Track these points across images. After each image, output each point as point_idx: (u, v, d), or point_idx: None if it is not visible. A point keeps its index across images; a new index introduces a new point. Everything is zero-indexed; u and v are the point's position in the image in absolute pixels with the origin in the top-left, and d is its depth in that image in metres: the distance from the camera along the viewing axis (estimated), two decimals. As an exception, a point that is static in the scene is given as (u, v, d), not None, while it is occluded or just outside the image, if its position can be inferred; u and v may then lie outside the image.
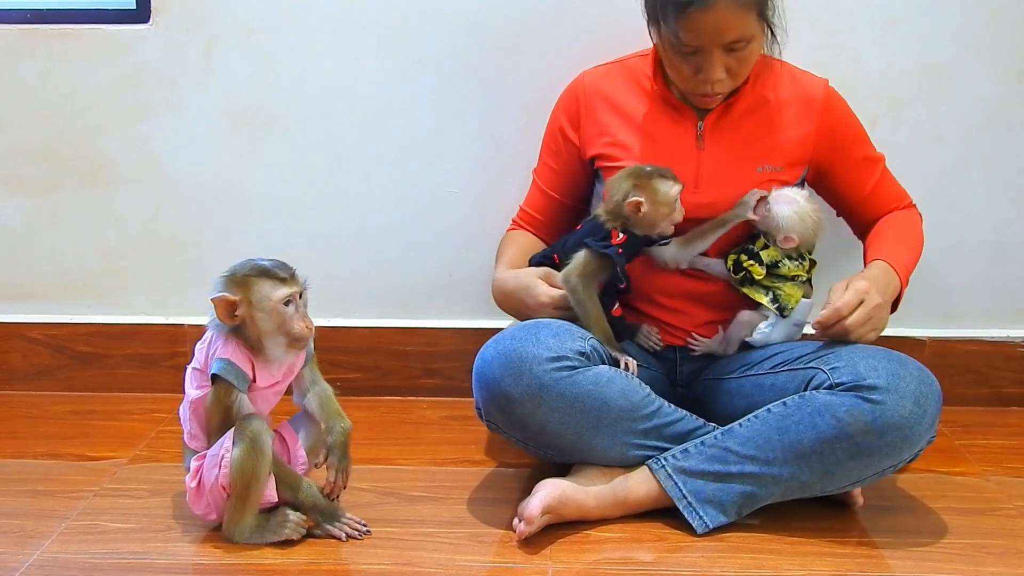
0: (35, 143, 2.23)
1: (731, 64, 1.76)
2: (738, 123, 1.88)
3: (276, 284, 1.61)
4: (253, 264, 1.63)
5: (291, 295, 1.61)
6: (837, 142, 1.91)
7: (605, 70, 1.97)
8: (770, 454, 1.67)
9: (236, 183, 2.23)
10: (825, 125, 1.90)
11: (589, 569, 1.58)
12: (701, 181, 1.87)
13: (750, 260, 1.83)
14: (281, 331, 1.61)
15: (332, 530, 1.66)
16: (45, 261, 2.28)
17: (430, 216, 2.24)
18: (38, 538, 1.66)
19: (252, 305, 1.60)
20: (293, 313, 1.61)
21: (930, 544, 1.66)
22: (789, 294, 1.82)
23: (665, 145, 1.89)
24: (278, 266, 1.63)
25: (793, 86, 1.91)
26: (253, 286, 1.60)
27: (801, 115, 1.89)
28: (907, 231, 1.95)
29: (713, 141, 1.88)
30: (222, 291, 1.60)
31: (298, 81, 2.18)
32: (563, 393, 1.65)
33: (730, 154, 1.88)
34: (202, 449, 1.65)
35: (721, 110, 1.87)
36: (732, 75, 1.78)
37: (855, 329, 1.70)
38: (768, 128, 1.89)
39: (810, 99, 1.90)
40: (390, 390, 2.31)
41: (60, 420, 2.18)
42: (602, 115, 1.93)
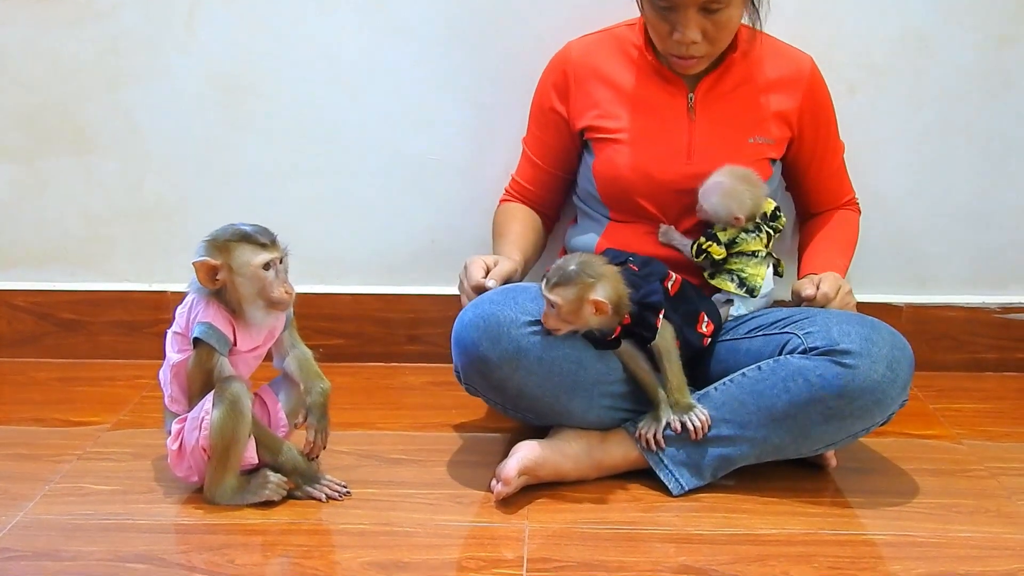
0: (18, 110, 2.22)
1: (707, 27, 1.76)
2: (729, 94, 1.89)
3: (256, 249, 1.62)
4: (234, 229, 1.64)
5: (271, 260, 1.62)
6: (815, 121, 1.94)
7: (592, 40, 1.97)
8: (745, 417, 1.69)
9: (219, 150, 2.24)
10: (809, 101, 1.92)
11: (565, 529, 1.60)
12: (694, 152, 1.87)
13: (708, 241, 1.83)
14: (261, 295, 1.63)
15: (312, 492, 1.68)
16: (29, 228, 2.29)
17: (414, 183, 2.24)
18: (21, 500, 1.68)
19: (233, 270, 1.62)
20: (273, 278, 1.63)
21: (902, 504, 1.69)
22: (753, 274, 1.83)
23: (656, 116, 1.89)
24: (259, 231, 1.64)
25: (781, 60, 1.92)
26: (234, 251, 1.62)
27: (788, 90, 1.91)
28: (845, 237, 2.02)
29: (704, 112, 1.88)
30: (203, 255, 1.61)
31: (281, 47, 2.18)
32: (540, 357, 1.67)
33: (722, 125, 1.89)
34: (183, 412, 1.67)
35: (712, 81, 1.88)
36: (709, 39, 1.78)
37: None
38: (758, 100, 1.90)
39: (797, 74, 1.91)
40: (373, 356, 2.32)
41: (44, 386, 2.19)
42: (591, 87, 1.93)
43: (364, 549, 1.54)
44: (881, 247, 2.21)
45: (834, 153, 2.00)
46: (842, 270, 1.93)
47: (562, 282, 1.62)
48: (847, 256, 1.99)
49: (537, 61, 2.03)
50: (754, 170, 1.86)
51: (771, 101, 1.90)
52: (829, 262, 1.92)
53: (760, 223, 1.84)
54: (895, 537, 1.59)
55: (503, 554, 1.53)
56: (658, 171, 1.87)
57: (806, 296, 1.78)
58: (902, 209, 2.22)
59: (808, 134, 1.94)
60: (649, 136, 1.89)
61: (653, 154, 1.88)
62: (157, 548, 1.54)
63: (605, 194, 1.93)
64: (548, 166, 2.03)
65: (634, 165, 1.88)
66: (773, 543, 1.56)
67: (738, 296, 1.83)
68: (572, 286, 1.62)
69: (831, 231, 2.01)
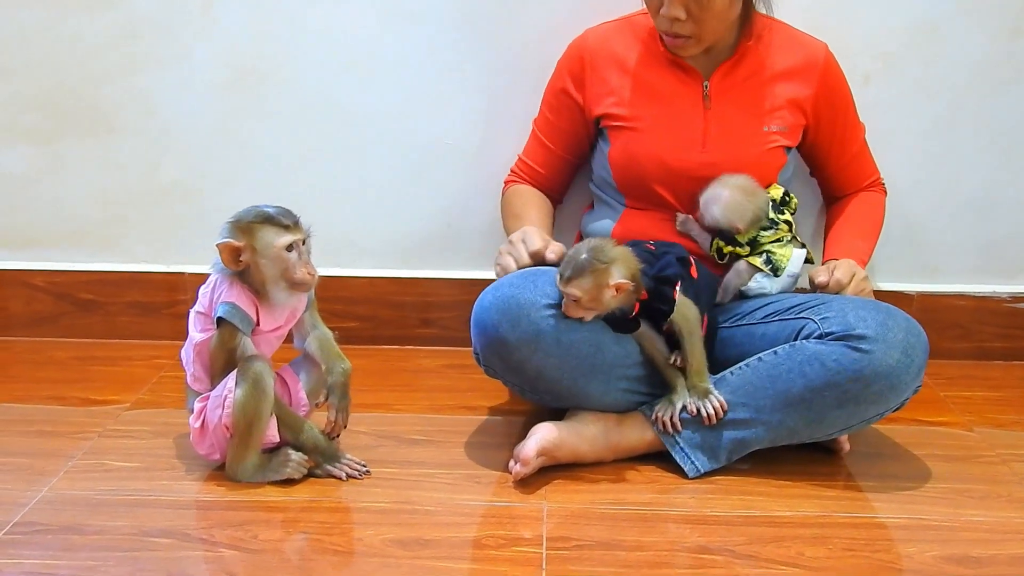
0: (37, 92, 2.24)
1: (691, 7, 1.77)
2: (743, 83, 1.91)
3: (280, 231, 1.64)
4: (258, 211, 1.66)
5: (294, 242, 1.64)
6: (832, 107, 1.95)
7: (610, 28, 1.98)
8: (760, 401, 1.71)
9: (235, 133, 2.25)
10: (824, 88, 1.93)
11: (583, 509, 1.62)
12: (708, 141, 1.89)
13: (729, 245, 1.85)
14: (284, 277, 1.64)
15: (332, 470, 1.70)
16: (47, 209, 2.31)
17: (428, 167, 2.26)
18: (46, 476, 1.70)
19: (256, 251, 1.63)
20: (296, 259, 1.64)
21: (914, 488, 1.71)
22: (781, 255, 1.85)
23: (671, 104, 1.91)
24: (282, 213, 1.66)
25: (795, 48, 1.93)
26: (257, 232, 1.63)
27: (803, 77, 1.92)
28: (869, 219, 2.04)
29: (719, 101, 1.90)
30: (227, 237, 1.63)
31: (297, 32, 2.19)
32: (559, 339, 1.69)
33: (737, 114, 1.90)
34: (205, 391, 1.69)
35: (726, 70, 1.90)
36: (694, 19, 1.79)
37: None
38: (772, 88, 1.91)
39: (811, 61, 1.93)
40: (387, 339, 2.34)
41: (63, 366, 2.21)
42: (607, 74, 1.95)
43: (385, 526, 1.56)
44: (892, 236, 2.22)
45: (854, 136, 2.02)
46: (865, 254, 1.95)
47: (577, 274, 1.64)
48: (870, 239, 2.01)
49: (550, 46, 2.04)
50: (766, 159, 1.88)
51: (786, 89, 1.92)
52: (851, 246, 1.94)
53: (774, 216, 1.86)
54: (908, 520, 1.61)
55: (522, 533, 1.55)
56: (673, 159, 1.89)
57: (819, 284, 1.80)
58: (913, 198, 2.23)
59: (826, 120, 1.96)
60: (664, 125, 1.90)
61: (668, 142, 1.90)
62: (180, 524, 1.56)
63: (621, 182, 1.95)
64: (560, 150, 2.04)
65: (649, 154, 1.90)
66: (788, 525, 1.59)
67: (761, 273, 1.85)
68: (588, 275, 1.63)
69: (854, 214, 2.03)
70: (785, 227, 1.86)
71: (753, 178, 1.85)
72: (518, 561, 1.48)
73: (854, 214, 2.03)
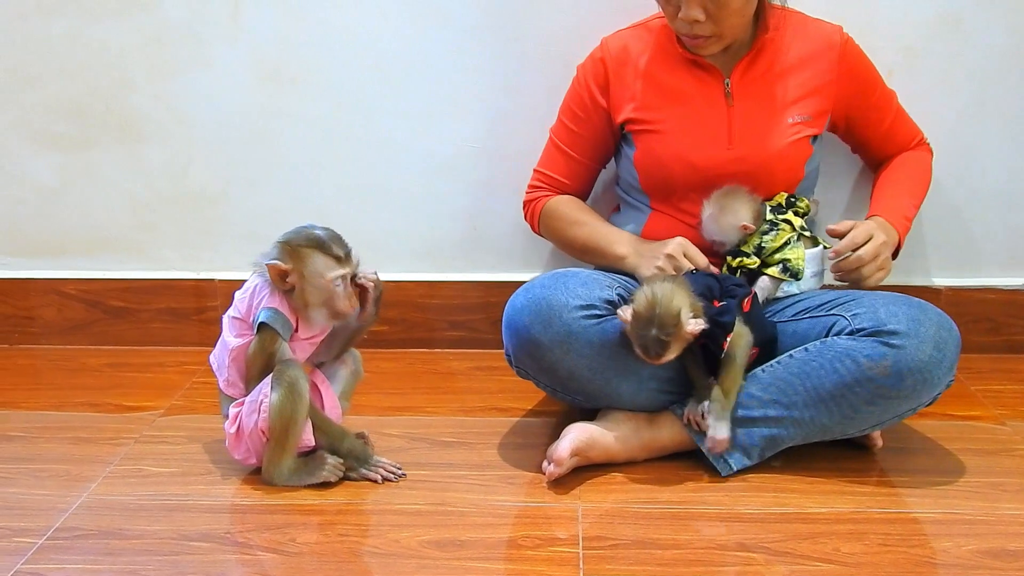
0: (66, 100, 2.26)
1: (709, 7, 1.78)
2: (764, 76, 1.91)
3: (331, 263, 1.65)
4: (310, 235, 1.66)
5: (343, 275, 1.65)
6: (856, 86, 1.96)
7: (628, 34, 1.98)
8: (792, 398, 1.71)
9: (262, 138, 2.27)
10: (844, 71, 1.93)
11: (617, 508, 1.63)
12: (734, 138, 1.89)
13: (737, 258, 1.85)
14: (326, 305, 1.66)
15: (368, 473, 1.72)
16: (78, 217, 2.33)
17: (454, 170, 2.27)
18: (84, 481, 1.72)
19: (304, 278, 1.65)
20: (341, 292, 1.66)
21: (947, 483, 1.71)
22: (795, 258, 1.84)
23: (694, 104, 1.91)
24: (334, 241, 1.66)
25: (810, 34, 1.94)
26: (307, 259, 1.64)
27: (822, 63, 1.92)
28: (913, 176, 2.02)
29: (742, 97, 1.90)
30: (276, 258, 1.64)
31: (323, 36, 2.21)
32: (591, 340, 1.69)
33: (761, 108, 1.90)
34: (240, 396, 1.70)
35: (746, 65, 1.90)
36: (712, 19, 1.79)
37: (869, 260, 1.77)
38: (793, 79, 1.92)
39: (828, 46, 1.93)
40: (416, 342, 2.35)
41: (96, 373, 2.23)
42: (629, 80, 1.95)
43: (421, 528, 1.57)
44: (919, 230, 2.23)
45: (886, 104, 2.02)
46: (909, 209, 1.95)
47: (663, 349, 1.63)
48: (916, 195, 2.00)
49: (574, 48, 2.05)
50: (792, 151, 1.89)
51: (806, 77, 1.92)
52: (894, 204, 1.93)
53: (773, 218, 1.85)
54: (943, 515, 1.61)
55: (557, 533, 1.56)
56: (700, 159, 1.89)
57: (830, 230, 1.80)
58: (939, 193, 2.22)
59: (854, 99, 1.96)
60: (688, 125, 1.90)
61: (693, 142, 1.90)
62: (219, 528, 1.58)
63: (648, 185, 1.95)
64: (586, 159, 2.04)
65: (676, 155, 1.90)
66: (823, 521, 1.59)
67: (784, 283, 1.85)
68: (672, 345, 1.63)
69: (897, 171, 2.03)
70: (787, 227, 1.84)
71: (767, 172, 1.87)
72: (554, 561, 1.48)
73: (898, 171, 2.03)
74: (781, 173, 1.89)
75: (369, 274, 1.72)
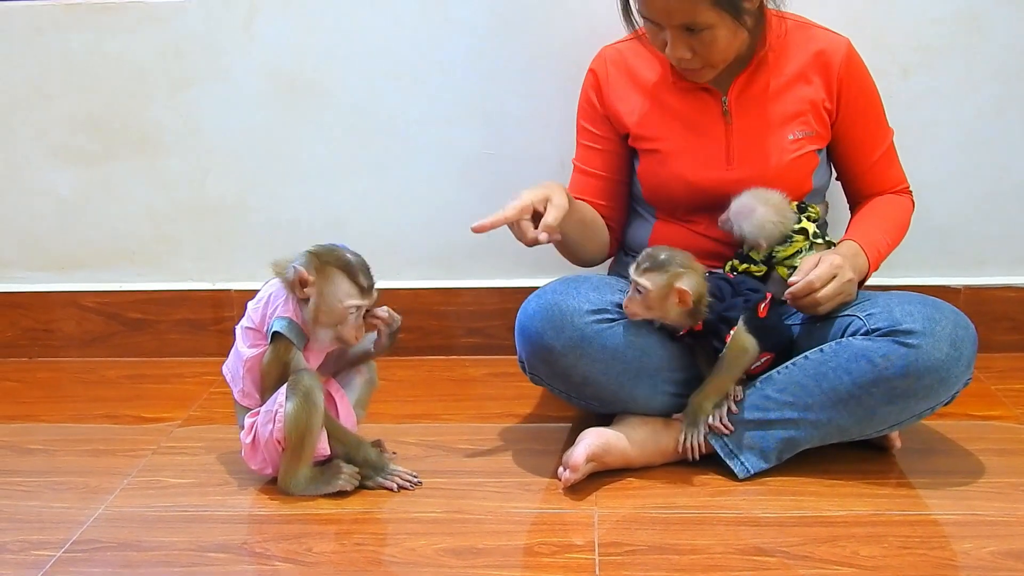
0: (83, 113, 2.28)
1: (694, 45, 1.73)
2: (763, 92, 1.85)
3: (353, 290, 1.65)
4: (340, 257, 1.66)
5: (360, 307, 1.66)
6: (854, 104, 1.87)
7: (623, 47, 1.94)
8: (808, 400, 1.70)
9: (279, 147, 2.28)
10: (845, 85, 1.86)
11: (634, 514, 1.63)
12: (733, 157, 1.85)
13: (744, 263, 1.82)
14: (334, 329, 1.67)
15: (384, 482, 1.72)
16: (96, 229, 2.35)
17: (469, 176, 2.27)
18: (102, 493, 1.73)
19: (322, 295, 1.65)
20: (353, 321, 1.66)
21: (968, 484, 1.70)
22: None
23: (691, 124, 1.86)
24: (362, 270, 1.66)
25: (813, 46, 1.86)
26: (332, 278, 1.65)
27: (822, 76, 1.85)
28: (892, 217, 1.92)
29: (740, 114, 1.85)
30: (304, 266, 1.64)
31: (338, 45, 2.22)
32: (604, 344, 1.69)
33: (760, 126, 1.85)
34: (255, 406, 1.71)
35: (744, 82, 1.85)
36: (700, 56, 1.74)
37: (826, 301, 1.71)
38: (793, 94, 1.85)
39: (830, 59, 1.85)
40: (432, 349, 2.36)
41: (115, 384, 2.25)
42: (626, 93, 1.92)
43: (438, 536, 1.57)
44: (937, 229, 2.21)
45: (881, 137, 1.92)
46: (881, 246, 1.84)
47: (654, 268, 1.67)
48: (890, 235, 1.88)
49: (588, 53, 2.03)
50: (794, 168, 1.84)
51: (806, 91, 1.85)
52: (866, 237, 1.83)
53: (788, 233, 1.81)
54: (963, 516, 1.60)
55: (574, 539, 1.56)
56: (699, 179, 1.85)
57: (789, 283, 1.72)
58: (957, 190, 2.22)
59: (849, 117, 1.88)
60: (686, 145, 1.86)
61: (692, 163, 1.85)
62: (236, 538, 1.58)
63: (650, 198, 1.93)
64: (608, 172, 1.97)
65: (674, 174, 1.86)
66: (841, 524, 1.58)
67: None
68: (663, 272, 1.66)
69: (876, 208, 1.92)
70: (800, 238, 1.80)
71: (784, 193, 1.80)
72: (571, 568, 1.48)
73: (876, 208, 1.92)
74: (786, 188, 1.81)
75: (381, 312, 1.73)
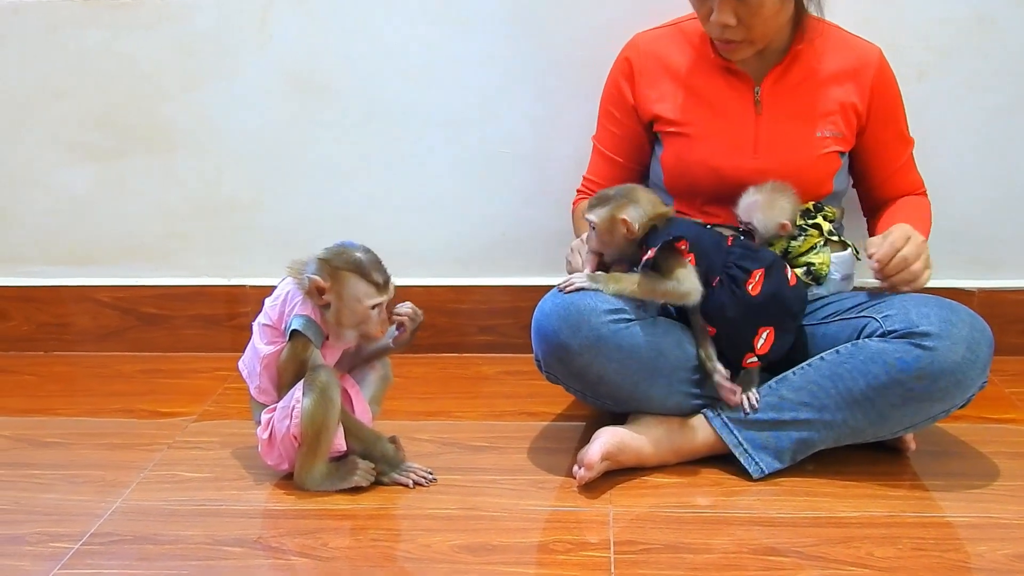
0: (99, 111, 2.29)
1: (741, 12, 1.75)
2: (796, 88, 1.88)
3: (370, 289, 1.65)
4: (351, 258, 1.65)
5: (381, 303, 1.66)
6: (882, 113, 1.92)
7: (659, 33, 1.98)
8: (823, 401, 1.70)
9: (292, 145, 2.29)
10: (876, 93, 1.90)
11: (649, 512, 1.63)
12: (760, 147, 1.88)
13: None
14: (358, 328, 1.68)
15: (399, 478, 1.72)
16: (111, 226, 2.36)
17: (483, 175, 2.28)
18: (119, 487, 1.74)
19: (341, 299, 1.65)
20: (376, 317, 1.67)
21: (982, 486, 1.70)
22: (820, 263, 1.82)
23: (722, 110, 1.90)
24: (375, 266, 1.66)
25: (848, 51, 1.90)
26: (347, 281, 1.65)
27: (856, 80, 1.89)
28: (921, 214, 1.95)
29: (771, 106, 1.88)
30: (316, 274, 1.64)
31: (352, 44, 2.22)
32: (620, 344, 1.69)
33: (789, 119, 1.88)
34: (271, 403, 1.71)
35: (778, 75, 1.88)
36: (744, 24, 1.77)
37: (913, 260, 1.71)
38: (825, 92, 1.89)
39: (864, 65, 1.89)
40: (445, 347, 2.36)
41: (130, 379, 2.26)
42: (657, 79, 1.94)
43: (453, 533, 1.58)
44: (951, 231, 2.20)
45: (903, 145, 1.97)
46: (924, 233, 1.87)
47: (598, 203, 1.75)
48: (924, 227, 1.92)
49: (603, 51, 2.05)
50: (818, 165, 1.87)
51: (839, 93, 1.89)
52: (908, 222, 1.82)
53: (802, 223, 1.83)
54: (978, 519, 1.60)
55: (588, 537, 1.56)
56: (724, 166, 1.88)
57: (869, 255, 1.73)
58: (971, 192, 2.21)
59: (876, 125, 1.92)
60: (715, 131, 1.89)
61: (719, 149, 1.88)
62: (252, 532, 1.59)
63: (671, 185, 1.95)
64: (626, 160, 2.02)
65: (700, 160, 1.89)
66: (856, 525, 1.58)
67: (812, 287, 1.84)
68: (607, 206, 1.73)
69: (903, 207, 1.96)
70: (815, 232, 1.82)
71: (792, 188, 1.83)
72: (586, 566, 1.48)
73: (906, 205, 1.97)
74: (807, 186, 1.85)
75: (405, 308, 1.74)
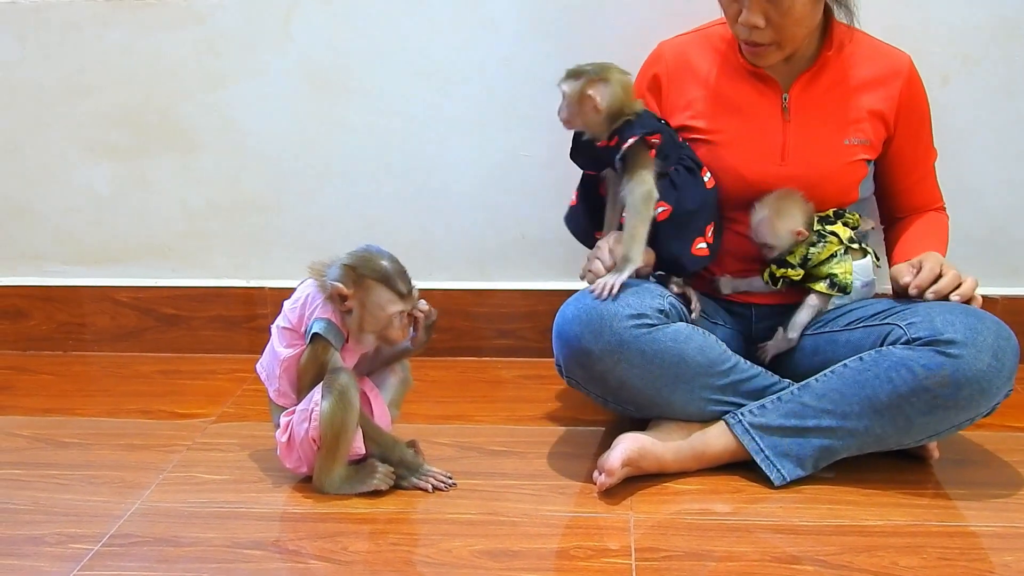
0: (120, 109, 2.29)
1: (771, 13, 1.74)
2: (824, 95, 1.87)
3: (394, 298, 1.65)
4: (376, 267, 1.65)
5: (404, 311, 1.66)
6: (910, 121, 1.90)
7: (686, 40, 1.96)
8: (846, 408, 1.69)
9: (314, 146, 2.29)
10: (905, 101, 1.88)
11: (670, 519, 1.62)
12: (788, 154, 1.86)
13: (782, 268, 1.83)
14: (380, 334, 1.67)
15: (418, 482, 1.71)
16: (131, 225, 2.36)
17: (503, 178, 2.27)
18: (138, 488, 1.73)
19: (364, 307, 1.65)
20: (398, 324, 1.67)
21: (1007, 496, 1.68)
22: (843, 272, 1.81)
23: (750, 117, 1.88)
24: (399, 274, 1.66)
25: (878, 59, 1.89)
26: (371, 290, 1.65)
27: (885, 88, 1.87)
28: (939, 235, 1.96)
29: (799, 113, 1.87)
30: (340, 280, 1.64)
31: (374, 45, 2.22)
32: (642, 350, 1.68)
33: (817, 126, 1.87)
34: (291, 406, 1.71)
35: (806, 81, 1.86)
36: (773, 26, 1.75)
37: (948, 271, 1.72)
38: (854, 100, 1.87)
39: (894, 73, 1.88)
40: (464, 351, 2.35)
41: (149, 379, 2.26)
42: (685, 86, 1.93)
43: (473, 538, 1.57)
44: (975, 238, 2.19)
45: (927, 156, 1.96)
46: None
47: (572, 75, 1.76)
48: (942, 250, 1.93)
49: (626, 54, 2.02)
50: (845, 172, 1.86)
51: (867, 100, 1.87)
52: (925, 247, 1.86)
53: (821, 229, 1.83)
54: (1003, 528, 1.58)
55: (609, 544, 1.55)
56: (751, 173, 1.86)
57: (904, 285, 1.75)
58: (996, 199, 2.20)
59: (903, 133, 1.90)
60: (743, 138, 1.88)
61: (746, 156, 1.87)
62: (271, 535, 1.58)
63: None
64: None
65: (728, 166, 1.87)
66: (879, 534, 1.57)
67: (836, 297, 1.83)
68: (580, 79, 1.75)
69: (922, 227, 1.96)
70: (834, 239, 1.81)
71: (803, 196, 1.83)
72: (607, 572, 1.47)
73: (923, 227, 1.96)
74: (832, 194, 1.85)
75: (421, 306, 1.73)
